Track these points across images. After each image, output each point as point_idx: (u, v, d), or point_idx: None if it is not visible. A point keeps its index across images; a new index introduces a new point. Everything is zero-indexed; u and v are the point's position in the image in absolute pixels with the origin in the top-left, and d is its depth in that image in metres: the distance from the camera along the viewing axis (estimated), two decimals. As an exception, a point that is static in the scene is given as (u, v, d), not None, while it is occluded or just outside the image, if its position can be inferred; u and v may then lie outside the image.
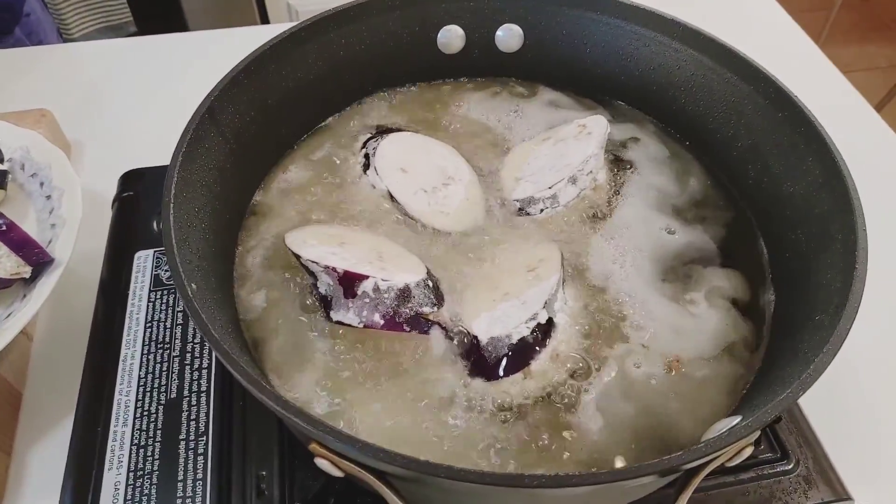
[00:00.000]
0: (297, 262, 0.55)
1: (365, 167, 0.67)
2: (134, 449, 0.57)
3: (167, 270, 0.68)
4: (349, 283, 0.53)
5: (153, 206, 0.74)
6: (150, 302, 0.66)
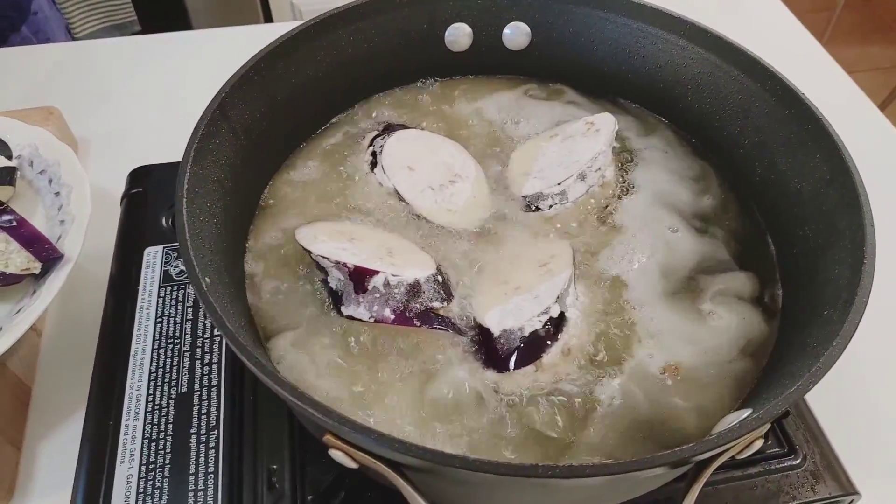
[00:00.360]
0: (307, 257, 0.56)
1: (372, 165, 0.67)
2: (146, 442, 0.57)
3: (177, 266, 0.69)
4: (360, 278, 0.54)
5: (162, 202, 0.74)
6: (159, 297, 0.66)
